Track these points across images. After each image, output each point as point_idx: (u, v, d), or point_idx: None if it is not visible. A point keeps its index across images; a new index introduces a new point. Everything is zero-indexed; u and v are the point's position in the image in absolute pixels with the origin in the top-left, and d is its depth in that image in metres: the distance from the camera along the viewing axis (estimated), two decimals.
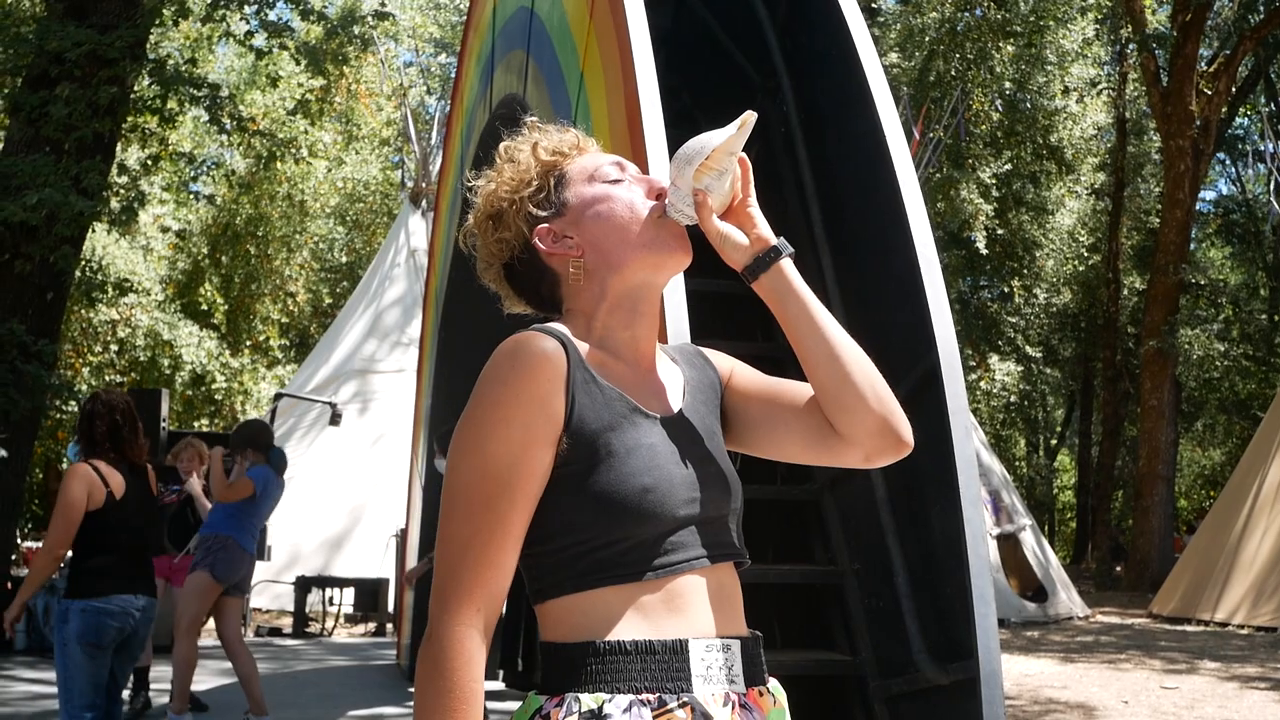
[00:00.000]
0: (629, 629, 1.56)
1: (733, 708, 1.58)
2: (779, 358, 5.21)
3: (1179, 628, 17.18)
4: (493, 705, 8.81)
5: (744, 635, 1.66)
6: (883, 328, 4.55)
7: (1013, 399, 26.29)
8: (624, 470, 1.58)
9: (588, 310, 1.74)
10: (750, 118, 1.71)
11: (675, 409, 1.73)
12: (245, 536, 7.39)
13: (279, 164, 23.93)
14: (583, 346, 1.68)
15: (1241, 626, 16.62)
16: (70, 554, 5.28)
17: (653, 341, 1.78)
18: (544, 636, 1.62)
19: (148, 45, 12.27)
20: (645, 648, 1.54)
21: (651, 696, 1.52)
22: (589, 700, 1.52)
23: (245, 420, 10.34)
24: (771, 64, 5.67)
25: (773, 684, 1.71)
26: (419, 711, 1.52)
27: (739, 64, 5.76)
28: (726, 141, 1.69)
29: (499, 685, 9.61)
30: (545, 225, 1.75)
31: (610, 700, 1.51)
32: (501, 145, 1.83)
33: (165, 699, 7.73)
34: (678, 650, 1.55)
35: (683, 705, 1.53)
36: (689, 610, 1.59)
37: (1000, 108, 25.70)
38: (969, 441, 3.95)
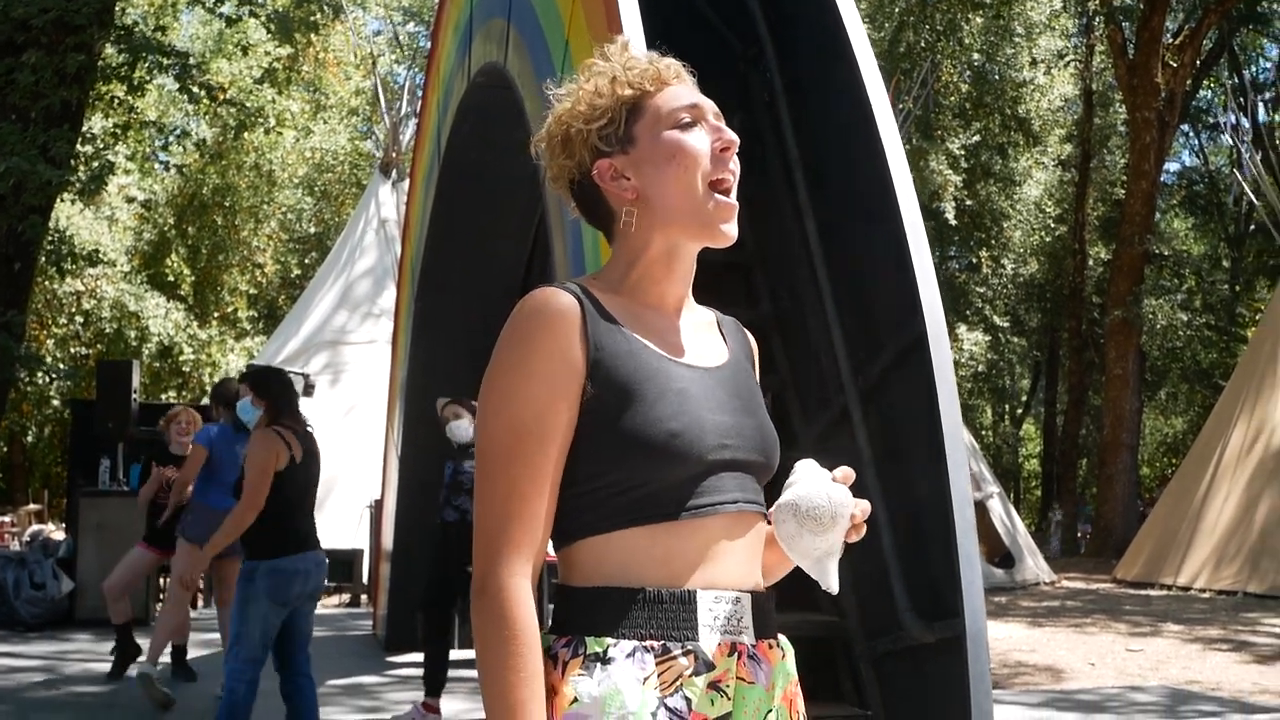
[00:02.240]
0: (644, 574, 1.59)
1: (739, 658, 1.60)
2: (763, 325, 5.26)
3: (1143, 592, 17.41)
4: (473, 673, 8.86)
5: (757, 589, 1.68)
6: (869, 294, 4.60)
7: (980, 368, 26.50)
8: (652, 415, 1.61)
9: (630, 255, 1.76)
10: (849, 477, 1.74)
11: (716, 363, 1.76)
12: (212, 496, 7.41)
13: (247, 133, 23.72)
14: (612, 295, 1.71)
15: (1204, 590, 16.86)
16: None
17: (681, 296, 1.79)
18: (561, 579, 1.66)
19: (115, 12, 12.13)
20: (654, 596, 1.57)
21: (656, 643, 1.55)
22: (594, 644, 1.56)
23: (221, 379, 10.39)
24: (754, 32, 5.69)
25: (782, 639, 1.73)
26: (484, 663, 1.55)
27: (721, 33, 5.77)
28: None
29: (470, 654, 9.68)
30: (607, 160, 1.75)
31: (615, 645, 1.55)
32: (588, 61, 1.81)
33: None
34: (686, 600, 1.58)
35: (686, 653, 1.56)
36: (708, 557, 1.62)
37: (969, 79, 25.79)
38: (955, 405, 4.01)
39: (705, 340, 1.79)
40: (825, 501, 1.66)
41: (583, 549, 1.63)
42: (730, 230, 1.73)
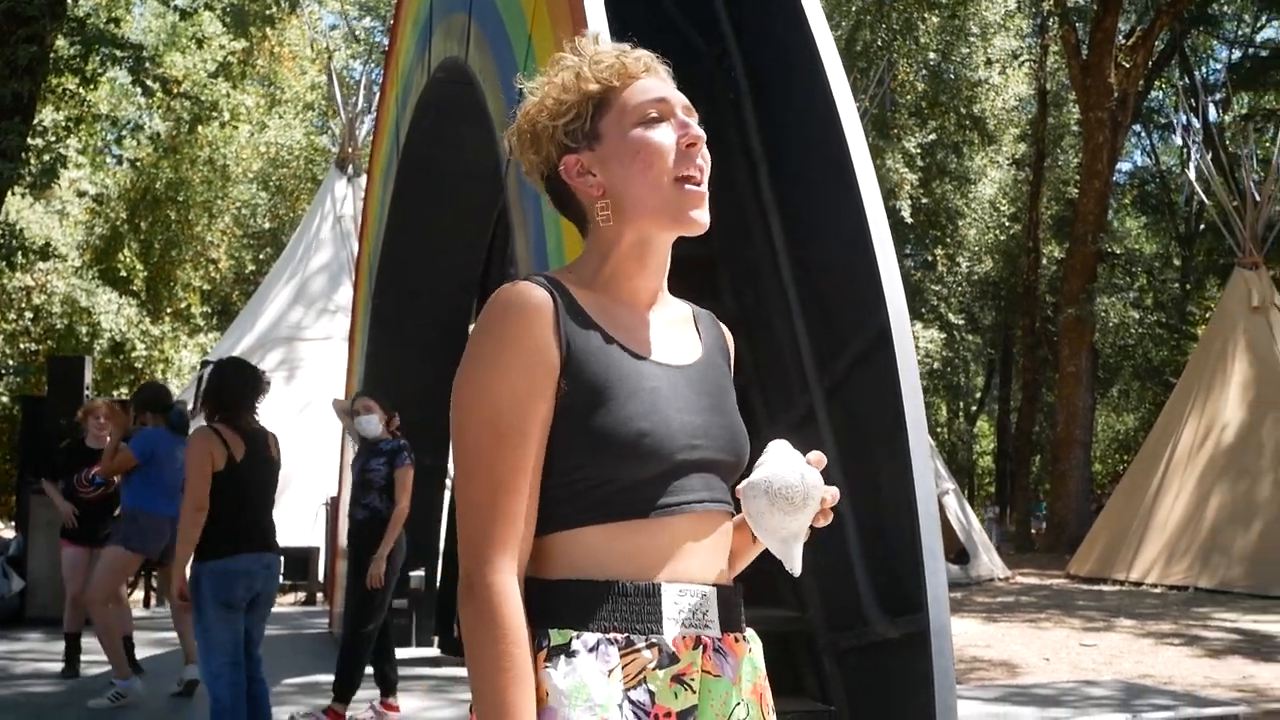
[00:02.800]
0: (610, 568, 1.58)
1: (704, 651, 1.60)
2: (727, 321, 5.26)
3: (1096, 587, 17.61)
4: (430, 671, 8.84)
5: (723, 584, 1.68)
6: (833, 289, 4.62)
7: (935, 366, 26.64)
8: (622, 414, 1.60)
9: (602, 250, 1.75)
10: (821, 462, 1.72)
11: (687, 361, 1.74)
12: (155, 503, 7.34)
13: (201, 128, 23.50)
14: (585, 290, 1.70)
15: (1155, 585, 17.07)
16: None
17: (655, 291, 1.78)
18: (529, 571, 1.63)
19: (67, 3, 11.98)
20: (619, 590, 1.57)
21: (620, 636, 1.55)
22: (558, 636, 1.55)
23: (144, 383, 10.27)
24: (718, 29, 5.69)
25: (749, 633, 1.73)
26: (473, 661, 1.54)
27: (685, 30, 5.77)
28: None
29: (434, 651, 9.63)
30: (574, 156, 1.73)
31: (579, 637, 1.54)
32: (557, 55, 1.79)
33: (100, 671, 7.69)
34: (650, 593, 1.58)
35: (650, 646, 1.56)
36: (674, 553, 1.61)
37: (925, 78, 25.95)
38: (919, 400, 4.02)
39: (678, 336, 1.78)
40: (798, 481, 1.63)
41: (550, 542, 1.62)
42: (700, 217, 1.71)
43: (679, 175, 1.69)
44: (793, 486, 1.63)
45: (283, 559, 5.81)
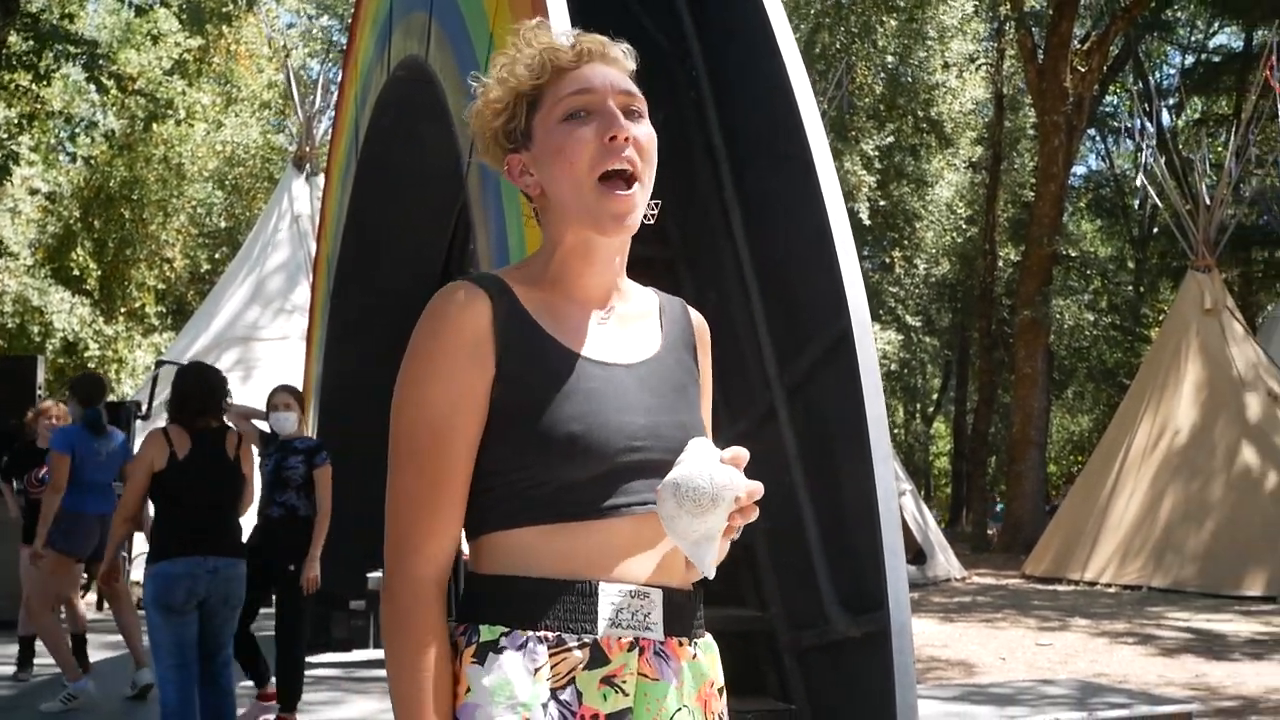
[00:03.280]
0: (547, 567, 1.57)
1: (642, 654, 1.58)
2: None
3: (1051, 587, 17.73)
4: (374, 673, 8.77)
5: (672, 586, 1.64)
6: (795, 289, 4.63)
7: (893, 367, 26.77)
8: (555, 416, 1.58)
9: (550, 247, 1.72)
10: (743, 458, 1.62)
11: (639, 358, 1.71)
12: (79, 503, 7.23)
13: (156, 125, 23.26)
14: (532, 288, 1.68)
15: (1109, 585, 17.21)
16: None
17: (607, 287, 1.74)
18: (470, 568, 1.65)
19: None
20: (554, 588, 1.55)
21: (551, 634, 1.54)
22: (488, 632, 1.55)
23: (84, 373, 10.13)
24: (681, 30, 5.70)
25: (705, 640, 1.69)
26: (390, 664, 1.56)
27: (647, 29, 5.77)
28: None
29: (377, 653, 9.57)
30: (516, 156, 1.72)
31: (509, 634, 1.54)
32: (499, 51, 1.76)
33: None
34: (586, 593, 1.56)
35: (582, 646, 1.54)
36: (614, 554, 1.59)
37: (883, 81, 26.07)
38: (880, 399, 4.04)
39: (634, 332, 1.74)
40: (706, 484, 1.55)
41: (489, 541, 1.61)
42: (621, 221, 1.64)
43: (602, 173, 1.63)
44: (700, 489, 1.55)
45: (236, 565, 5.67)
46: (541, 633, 1.54)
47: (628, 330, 1.73)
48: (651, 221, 1.73)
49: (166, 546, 5.25)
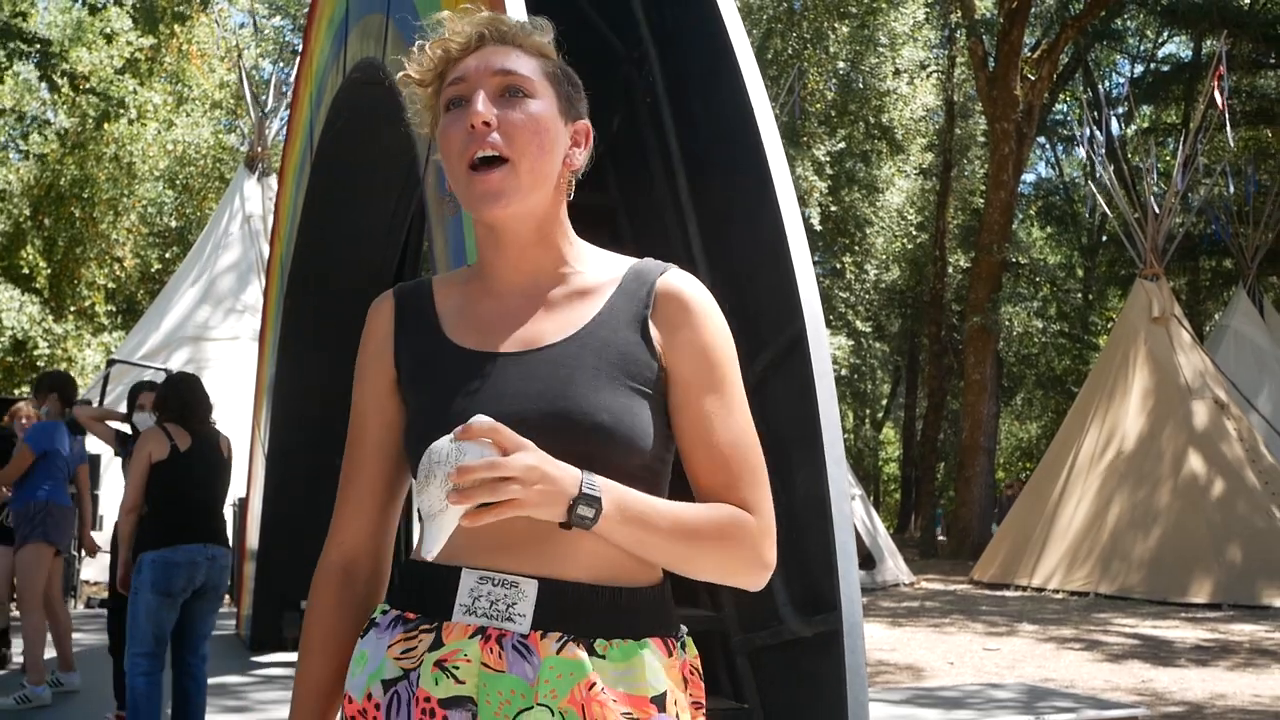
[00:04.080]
0: (442, 554, 1.53)
1: (490, 643, 1.52)
2: None
3: (999, 593, 17.90)
4: None
5: (563, 579, 1.54)
6: (750, 293, 4.66)
7: (843, 373, 26.91)
8: (413, 408, 1.69)
9: (476, 240, 1.74)
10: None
11: (543, 343, 1.63)
12: (58, 493, 7.43)
13: (109, 124, 23.02)
14: (457, 287, 1.74)
15: (1057, 591, 17.39)
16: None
17: (530, 271, 1.68)
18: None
19: None
20: (425, 572, 1.58)
21: (414, 616, 1.58)
22: (378, 610, 1.65)
23: (53, 370, 10.18)
24: (637, 34, 5.73)
25: (628, 645, 1.56)
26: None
27: (604, 35, 5.79)
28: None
29: None
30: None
31: (385, 613, 1.63)
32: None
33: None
34: (448, 578, 1.56)
35: (431, 630, 1.55)
36: (483, 543, 1.54)
37: (834, 87, 26.21)
38: (833, 403, 4.08)
39: (558, 315, 1.66)
40: (424, 458, 1.47)
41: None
42: (491, 202, 1.59)
43: (469, 160, 1.60)
44: (420, 464, 1.48)
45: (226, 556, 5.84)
46: (408, 613, 1.59)
47: (552, 314, 1.66)
48: (581, 176, 1.72)
49: (169, 534, 5.47)
